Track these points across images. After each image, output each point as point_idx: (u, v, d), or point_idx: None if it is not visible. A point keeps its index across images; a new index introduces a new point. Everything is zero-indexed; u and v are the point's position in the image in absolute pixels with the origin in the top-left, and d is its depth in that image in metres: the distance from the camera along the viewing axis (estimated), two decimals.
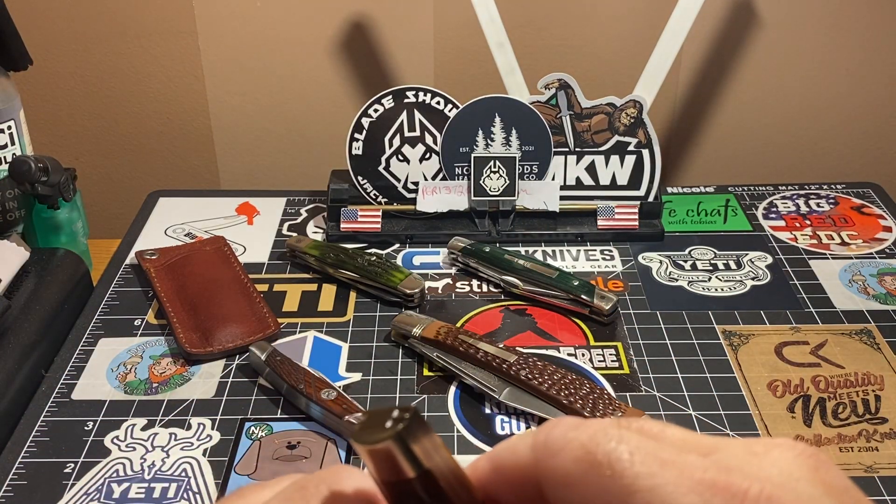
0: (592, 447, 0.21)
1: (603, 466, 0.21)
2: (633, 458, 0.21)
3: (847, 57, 0.91)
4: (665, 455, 0.21)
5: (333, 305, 0.68)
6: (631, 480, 0.20)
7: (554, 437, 0.22)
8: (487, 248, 0.70)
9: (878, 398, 0.57)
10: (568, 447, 0.21)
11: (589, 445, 0.21)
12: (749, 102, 0.94)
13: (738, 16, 0.90)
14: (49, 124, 0.96)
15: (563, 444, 0.22)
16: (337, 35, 0.91)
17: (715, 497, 0.20)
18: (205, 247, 0.73)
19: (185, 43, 0.91)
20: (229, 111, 0.95)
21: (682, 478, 0.20)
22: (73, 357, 0.62)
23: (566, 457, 0.21)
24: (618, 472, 0.21)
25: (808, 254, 0.74)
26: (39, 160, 0.68)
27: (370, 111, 0.74)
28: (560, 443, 0.22)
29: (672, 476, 0.20)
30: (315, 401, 0.55)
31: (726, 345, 0.63)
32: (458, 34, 0.91)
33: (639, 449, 0.21)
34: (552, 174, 0.76)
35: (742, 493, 0.20)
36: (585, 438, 0.21)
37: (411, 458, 0.21)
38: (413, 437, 0.21)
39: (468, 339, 0.59)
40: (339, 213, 0.76)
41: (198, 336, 0.63)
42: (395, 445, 0.21)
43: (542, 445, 0.22)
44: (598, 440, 0.21)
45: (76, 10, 0.90)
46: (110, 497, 0.51)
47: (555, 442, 0.22)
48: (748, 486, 0.20)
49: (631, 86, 0.75)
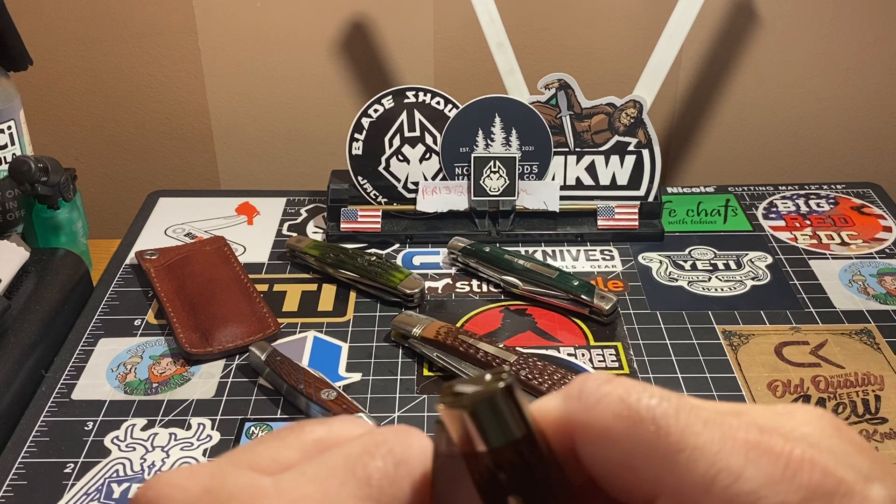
0: (633, 402, 0.20)
1: (646, 422, 0.20)
2: (679, 415, 0.20)
3: (847, 56, 0.91)
4: (705, 414, 0.20)
5: (333, 305, 0.68)
6: (677, 438, 0.19)
7: (588, 391, 0.21)
8: (487, 248, 0.70)
9: (878, 398, 0.57)
10: (605, 401, 0.20)
11: (629, 400, 0.20)
12: (749, 102, 0.94)
13: (738, 16, 0.90)
14: (49, 124, 0.96)
15: (599, 397, 0.20)
16: (337, 35, 0.91)
17: (760, 458, 0.19)
18: (205, 247, 0.73)
19: (185, 43, 0.91)
20: (229, 111, 0.95)
21: (726, 438, 0.19)
22: (73, 357, 0.62)
23: (604, 411, 0.20)
24: (663, 429, 0.20)
25: (808, 254, 0.74)
26: (39, 160, 0.68)
27: (370, 111, 0.74)
28: (595, 396, 0.20)
29: (717, 435, 0.20)
30: (315, 401, 0.55)
31: (726, 345, 0.63)
32: (458, 34, 0.91)
33: (682, 406, 0.20)
34: (552, 174, 0.76)
35: (786, 454, 0.19)
36: (623, 392, 0.20)
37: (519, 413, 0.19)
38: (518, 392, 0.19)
39: (468, 339, 0.59)
40: (339, 213, 0.76)
41: (198, 336, 0.63)
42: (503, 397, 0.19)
43: (575, 399, 0.21)
44: (639, 395, 0.20)
45: (76, 10, 0.90)
46: (110, 497, 0.51)
47: (589, 395, 0.21)
48: (790, 448, 0.19)
49: (631, 86, 0.75)
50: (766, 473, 0.19)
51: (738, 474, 0.19)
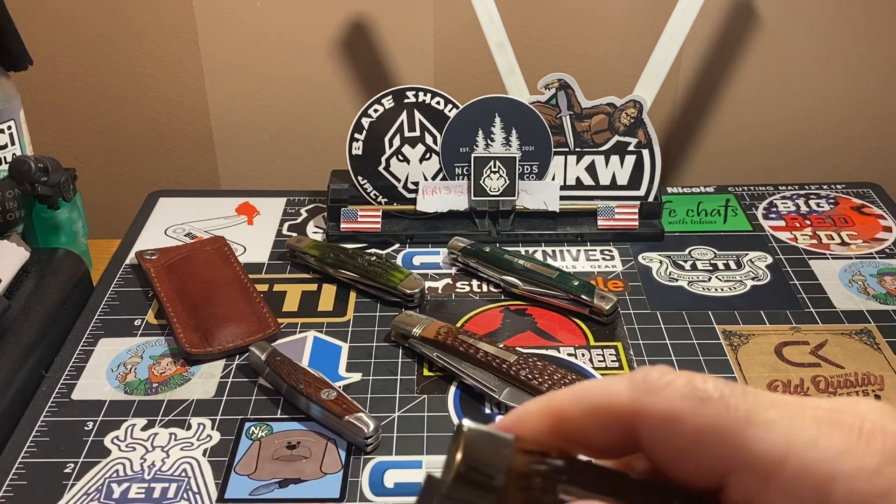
0: (700, 383, 0.21)
1: (715, 400, 0.20)
2: (746, 395, 0.20)
3: (847, 56, 0.91)
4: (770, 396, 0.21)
5: (333, 305, 0.68)
6: (746, 414, 0.20)
7: (653, 377, 0.21)
8: (487, 248, 0.70)
9: (879, 398, 0.57)
10: (673, 384, 0.21)
11: (696, 381, 0.21)
12: (749, 102, 0.94)
13: (738, 16, 0.90)
14: (49, 124, 0.96)
15: (666, 382, 0.21)
16: (337, 35, 0.91)
17: (833, 431, 0.20)
18: (205, 247, 0.73)
19: (185, 43, 0.91)
20: (229, 111, 0.95)
21: (795, 415, 0.20)
22: (73, 357, 0.62)
23: (672, 393, 0.21)
24: (732, 406, 0.20)
25: (808, 254, 0.74)
26: (39, 160, 0.68)
27: (370, 111, 0.74)
28: (661, 382, 0.21)
29: (785, 412, 0.20)
30: (315, 401, 0.55)
31: (726, 345, 0.63)
32: (458, 34, 0.91)
33: (747, 389, 0.21)
34: (552, 174, 0.76)
35: (857, 427, 0.20)
36: (688, 377, 0.21)
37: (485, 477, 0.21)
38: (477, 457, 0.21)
39: (468, 339, 0.59)
40: (339, 213, 0.76)
41: (198, 336, 0.63)
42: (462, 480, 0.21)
43: (641, 384, 0.21)
44: (704, 378, 0.21)
45: (76, 10, 0.90)
46: (110, 497, 0.51)
47: (655, 381, 0.21)
48: (860, 422, 0.20)
49: (631, 86, 0.75)
50: (841, 442, 0.19)
51: (813, 443, 0.19)
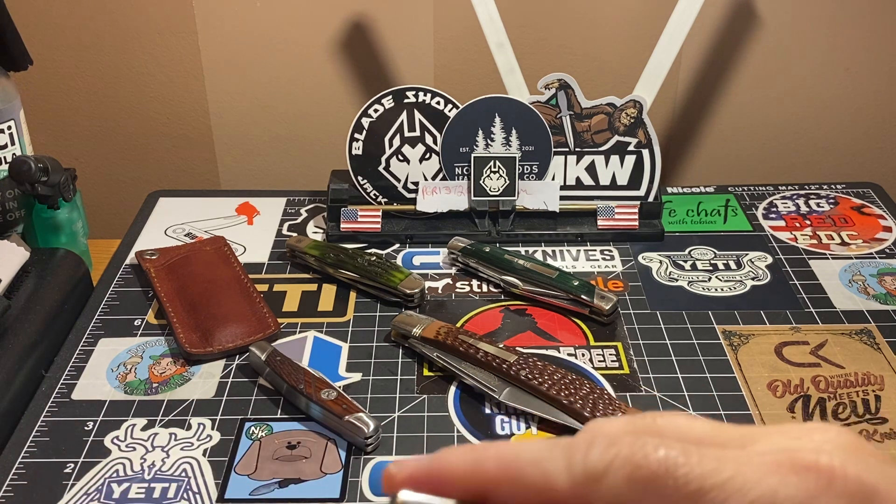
0: (642, 461, 0.20)
1: (662, 478, 0.19)
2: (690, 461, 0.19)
3: (847, 56, 0.91)
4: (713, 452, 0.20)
5: (333, 305, 0.68)
6: (699, 483, 0.19)
7: (592, 462, 0.20)
8: (487, 248, 0.70)
9: (878, 398, 0.57)
10: (613, 467, 0.20)
11: (636, 459, 0.20)
12: (749, 102, 0.94)
13: (738, 16, 0.90)
14: (49, 124, 0.96)
15: (605, 465, 0.20)
16: (337, 35, 0.91)
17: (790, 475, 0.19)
18: (205, 247, 0.73)
19: (185, 43, 0.91)
20: (229, 111, 0.95)
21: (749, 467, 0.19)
22: (73, 357, 0.62)
23: (615, 478, 0.20)
24: (682, 479, 0.19)
25: (808, 254, 0.74)
26: (39, 160, 0.68)
27: (370, 111, 0.74)
28: (601, 465, 0.20)
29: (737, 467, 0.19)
30: (315, 401, 0.55)
31: (726, 345, 0.63)
32: (458, 34, 0.91)
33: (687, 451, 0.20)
34: (552, 174, 0.76)
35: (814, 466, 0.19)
36: (628, 453, 0.20)
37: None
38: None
39: (468, 339, 0.59)
40: (339, 213, 0.76)
41: (198, 336, 0.63)
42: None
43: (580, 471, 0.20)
44: (645, 451, 0.20)
45: (76, 10, 0.90)
46: (110, 497, 0.51)
47: (594, 466, 0.20)
48: (816, 457, 0.19)
49: (631, 86, 0.75)
50: (803, 489, 0.19)
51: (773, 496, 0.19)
